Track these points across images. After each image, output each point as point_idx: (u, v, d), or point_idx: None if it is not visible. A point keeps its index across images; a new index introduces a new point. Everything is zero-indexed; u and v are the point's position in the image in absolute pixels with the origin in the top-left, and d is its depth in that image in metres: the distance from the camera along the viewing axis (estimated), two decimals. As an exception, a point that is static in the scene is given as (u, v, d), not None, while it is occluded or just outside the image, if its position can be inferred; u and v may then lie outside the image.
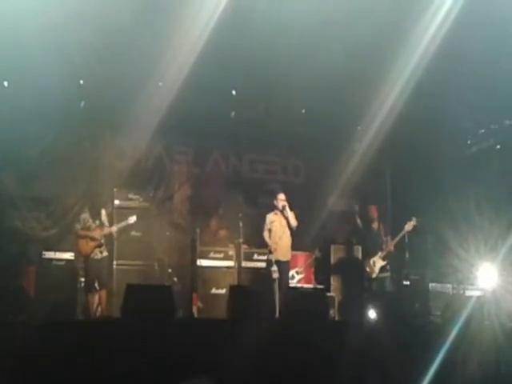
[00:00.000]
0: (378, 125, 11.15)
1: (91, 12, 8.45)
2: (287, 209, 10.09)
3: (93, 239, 9.63)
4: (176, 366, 5.43)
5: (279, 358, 6.07)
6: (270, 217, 10.24)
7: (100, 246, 9.69)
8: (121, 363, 5.52)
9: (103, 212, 9.91)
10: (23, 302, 8.50)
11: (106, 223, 9.88)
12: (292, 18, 8.60)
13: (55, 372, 5.25)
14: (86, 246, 9.63)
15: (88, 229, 9.68)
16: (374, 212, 10.85)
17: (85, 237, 9.64)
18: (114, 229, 9.96)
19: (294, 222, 10.09)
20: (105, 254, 9.75)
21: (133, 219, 10.15)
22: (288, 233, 10.12)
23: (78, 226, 9.73)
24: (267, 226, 10.22)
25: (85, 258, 9.65)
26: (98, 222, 9.77)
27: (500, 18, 8.57)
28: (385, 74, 9.86)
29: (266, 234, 10.20)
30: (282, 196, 10.26)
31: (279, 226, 10.10)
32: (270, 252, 9.98)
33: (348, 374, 6.08)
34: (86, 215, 9.80)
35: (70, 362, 5.37)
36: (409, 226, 10.34)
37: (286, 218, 10.08)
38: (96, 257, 9.63)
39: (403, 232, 10.38)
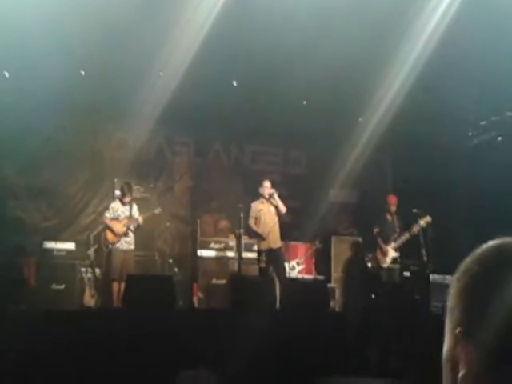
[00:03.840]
0: (379, 116, 11.12)
1: (92, 2, 8.44)
2: (275, 196, 9.92)
3: (119, 229, 9.54)
4: (176, 356, 5.46)
5: (279, 348, 6.10)
6: (256, 205, 10.06)
7: (126, 235, 9.61)
8: (121, 353, 5.55)
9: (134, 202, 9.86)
10: (24, 292, 8.55)
11: (134, 213, 9.77)
12: (293, 8, 8.58)
13: (55, 361, 5.28)
14: (112, 235, 9.56)
15: (117, 218, 9.62)
16: (392, 202, 10.66)
17: (111, 227, 9.56)
18: (141, 219, 9.81)
19: (282, 209, 9.91)
20: (131, 246, 9.67)
21: (158, 210, 10.10)
22: (276, 220, 9.97)
23: (107, 215, 9.65)
24: (253, 213, 10.01)
25: (109, 247, 9.56)
26: (127, 212, 9.70)
27: (502, 10, 8.55)
28: (386, 65, 9.83)
29: (251, 222, 9.90)
30: (267, 183, 10.01)
31: (267, 213, 9.94)
32: (263, 239, 9.82)
33: (348, 364, 6.11)
34: (116, 204, 9.74)
35: (71, 352, 5.40)
36: (424, 223, 10.15)
37: (275, 206, 9.92)
38: (121, 247, 9.55)
39: (418, 227, 10.17)
